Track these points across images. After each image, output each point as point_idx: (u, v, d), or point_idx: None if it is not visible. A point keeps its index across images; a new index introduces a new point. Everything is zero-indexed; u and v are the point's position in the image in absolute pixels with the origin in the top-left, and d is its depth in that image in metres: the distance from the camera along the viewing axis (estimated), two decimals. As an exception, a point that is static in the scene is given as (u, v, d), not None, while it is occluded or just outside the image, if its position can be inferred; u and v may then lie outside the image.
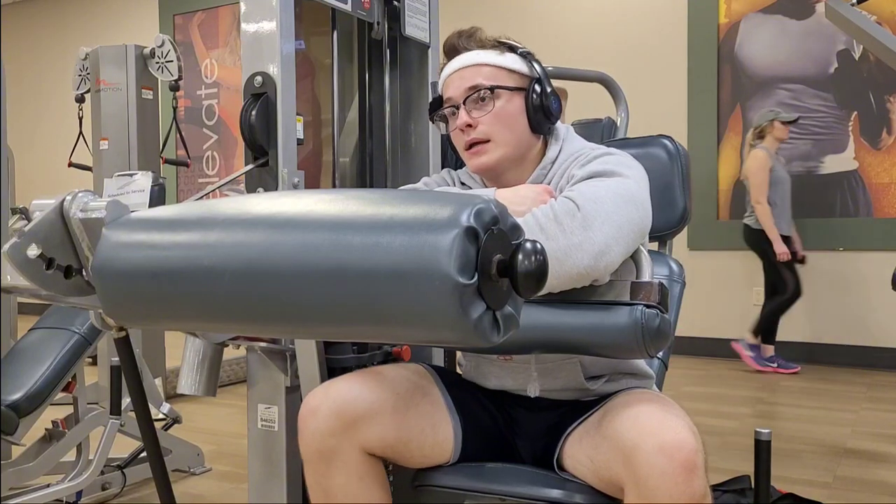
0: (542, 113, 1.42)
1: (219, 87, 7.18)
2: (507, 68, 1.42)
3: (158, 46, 3.79)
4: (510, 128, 1.41)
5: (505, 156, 1.41)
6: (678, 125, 5.24)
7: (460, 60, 1.44)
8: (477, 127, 1.40)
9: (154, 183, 1.34)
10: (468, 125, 1.40)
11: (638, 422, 1.15)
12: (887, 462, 2.94)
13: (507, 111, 1.40)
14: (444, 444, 1.35)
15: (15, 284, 1.07)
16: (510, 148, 1.42)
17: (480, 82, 1.40)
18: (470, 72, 1.42)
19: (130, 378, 1.26)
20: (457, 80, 1.43)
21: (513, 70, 1.42)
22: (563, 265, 1.19)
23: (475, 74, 1.41)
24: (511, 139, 1.41)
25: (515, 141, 1.42)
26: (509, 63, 1.42)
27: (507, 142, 1.41)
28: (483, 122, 1.40)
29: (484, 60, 1.42)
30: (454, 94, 1.43)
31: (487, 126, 1.40)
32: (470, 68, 1.42)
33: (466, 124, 1.40)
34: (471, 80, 1.41)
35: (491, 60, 1.42)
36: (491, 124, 1.40)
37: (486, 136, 1.40)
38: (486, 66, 1.41)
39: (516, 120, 1.41)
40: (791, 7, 5.00)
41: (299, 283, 0.73)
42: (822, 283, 4.90)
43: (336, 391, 1.29)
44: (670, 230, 1.74)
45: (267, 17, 1.58)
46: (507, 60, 1.43)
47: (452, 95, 1.43)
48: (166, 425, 2.67)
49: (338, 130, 1.88)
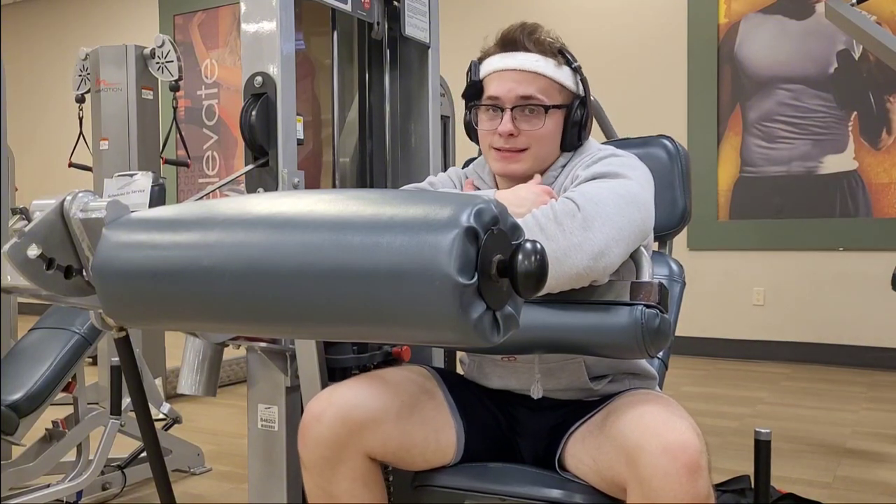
0: (577, 133, 1.42)
1: (219, 88, 7.18)
2: (560, 83, 1.40)
3: (158, 46, 3.79)
4: (548, 143, 1.41)
5: (533, 167, 1.42)
6: (678, 125, 5.24)
7: (517, 60, 1.39)
8: (518, 137, 1.39)
9: (154, 183, 1.34)
10: (510, 135, 1.38)
11: (642, 422, 1.15)
12: (887, 462, 2.93)
13: (550, 129, 1.40)
14: (447, 448, 1.35)
15: (15, 284, 1.07)
16: (539, 161, 1.42)
17: (535, 95, 1.38)
18: (526, 78, 1.38)
19: (130, 378, 1.26)
20: (508, 81, 1.38)
21: (564, 86, 1.41)
22: (562, 265, 1.19)
23: (530, 83, 1.38)
24: (544, 153, 1.42)
25: (547, 155, 1.43)
26: (563, 78, 1.40)
27: (540, 155, 1.41)
28: (525, 135, 1.39)
29: (542, 71, 1.38)
30: (502, 95, 1.39)
31: (529, 139, 1.39)
32: (527, 74, 1.38)
33: (510, 133, 1.38)
34: (525, 88, 1.38)
35: (549, 73, 1.39)
36: (532, 138, 1.39)
37: (524, 146, 1.40)
38: (543, 77, 1.38)
39: (555, 136, 1.41)
40: (791, 7, 5.00)
41: (299, 283, 0.73)
42: (822, 283, 4.90)
43: (340, 397, 1.29)
44: (670, 230, 1.74)
45: (267, 17, 1.58)
46: (562, 75, 1.40)
47: (500, 95, 1.39)
48: (166, 425, 2.66)
49: (338, 130, 1.88)
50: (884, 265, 4.54)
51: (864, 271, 4.81)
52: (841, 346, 4.85)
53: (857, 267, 4.83)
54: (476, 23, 5.11)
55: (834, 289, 4.89)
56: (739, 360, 4.89)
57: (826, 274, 4.90)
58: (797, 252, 4.97)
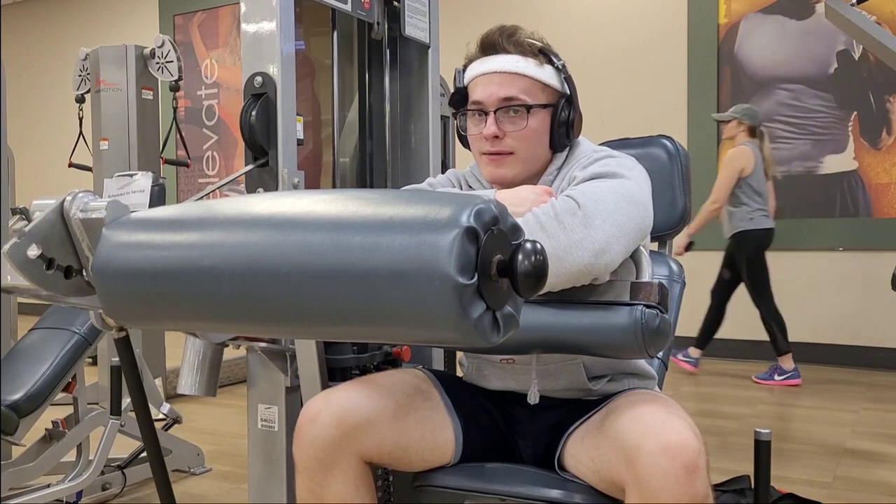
0: (566, 132, 1.41)
1: (219, 88, 7.18)
2: (542, 82, 1.39)
3: (158, 47, 3.80)
4: (535, 144, 1.40)
5: (523, 171, 1.41)
6: (678, 125, 5.24)
7: (498, 62, 1.39)
8: (504, 139, 1.38)
9: (154, 183, 1.35)
10: (495, 137, 1.38)
11: (640, 422, 1.15)
12: (887, 462, 2.94)
13: (535, 129, 1.39)
14: (445, 448, 1.35)
15: (15, 284, 1.07)
16: (529, 164, 1.41)
17: (517, 96, 1.37)
18: (507, 79, 1.38)
19: (130, 378, 1.26)
20: (490, 85, 1.38)
21: (547, 85, 1.40)
22: (563, 262, 1.19)
23: (512, 84, 1.37)
24: (532, 155, 1.41)
25: (535, 156, 1.42)
26: (546, 77, 1.39)
27: (528, 158, 1.41)
28: (511, 137, 1.38)
29: (523, 71, 1.38)
30: (485, 99, 1.38)
31: (515, 141, 1.38)
32: (507, 75, 1.38)
33: (494, 136, 1.38)
34: (507, 90, 1.37)
35: (530, 72, 1.38)
36: (518, 139, 1.38)
37: (511, 149, 1.39)
38: (524, 77, 1.38)
39: (541, 137, 1.40)
40: (791, 7, 5.00)
41: (299, 284, 0.73)
42: (822, 283, 4.90)
43: (336, 399, 1.29)
44: (670, 230, 1.74)
45: (267, 17, 1.58)
46: (544, 74, 1.39)
47: (483, 99, 1.39)
48: (166, 425, 2.66)
49: (338, 130, 1.88)
50: (884, 265, 4.54)
51: (864, 271, 4.81)
52: (841, 346, 4.85)
53: (857, 267, 4.83)
54: (476, 23, 5.08)
55: (834, 289, 4.89)
56: (739, 360, 4.89)
57: (826, 274, 4.90)
58: (797, 252, 4.97)
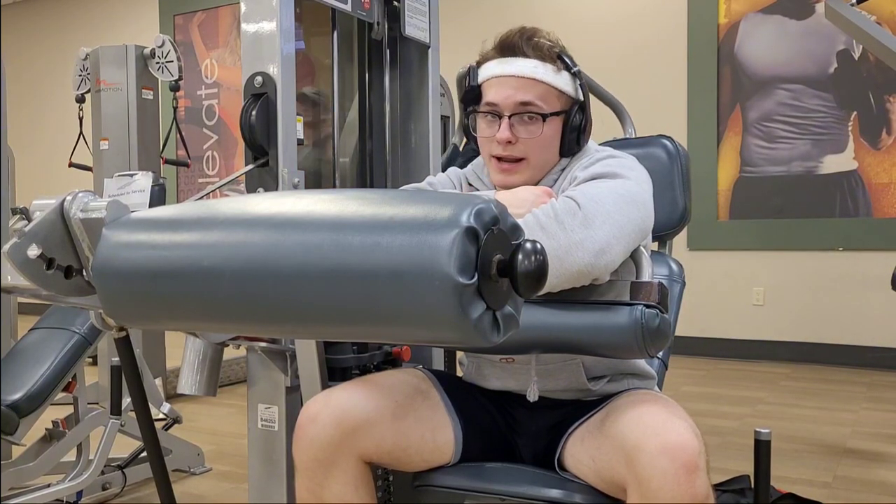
0: (577, 139, 1.41)
1: (219, 88, 7.18)
2: (558, 89, 1.39)
3: (159, 47, 3.80)
4: (546, 150, 1.40)
5: (532, 177, 1.41)
6: (678, 125, 5.24)
7: (516, 66, 1.37)
8: (516, 144, 1.38)
9: (154, 183, 1.35)
10: (508, 141, 1.37)
11: (641, 422, 1.16)
12: (887, 462, 2.93)
13: (548, 136, 1.39)
14: (445, 448, 1.35)
15: (15, 284, 1.07)
16: (538, 169, 1.41)
17: (534, 102, 1.36)
18: (524, 84, 1.36)
19: (130, 378, 1.26)
20: (507, 89, 1.37)
21: (563, 92, 1.39)
22: (563, 263, 1.19)
23: (529, 90, 1.36)
24: (543, 161, 1.41)
25: (545, 162, 1.42)
26: (562, 84, 1.39)
27: (538, 164, 1.41)
28: (524, 142, 1.38)
29: (541, 77, 1.37)
30: (500, 101, 1.37)
31: (527, 147, 1.38)
32: (525, 80, 1.37)
33: (507, 141, 1.37)
34: (523, 95, 1.36)
35: (548, 79, 1.37)
36: (531, 146, 1.38)
37: (522, 154, 1.39)
38: (541, 83, 1.37)
39: (553, 143, 1.40)
40: (791, 7, 5.00)
41: (299, 284, 0.73)
42: (822, 283, 4.90)
43: (336, 399, 1.29)
44: (670, 230, 1.75)
45: (267, 17, 1.58)
46: (561, 81, 1.38)
47: (497, 102, 1.38)
48: (166, 425, 2.66)
49: (338, 130, 1.88)
50: (884, 265, 4.54)
51: (864, 271, 4.80)
52: (841, 346, 4.85)
53: (857, 267, 4.83)
54: (476, 23, 5.11)
55: (834, 289, 4.89)
56: (739, 360, 4.89)
57: (826, 274, 4.90)
58: (797, 252, 4.97)
